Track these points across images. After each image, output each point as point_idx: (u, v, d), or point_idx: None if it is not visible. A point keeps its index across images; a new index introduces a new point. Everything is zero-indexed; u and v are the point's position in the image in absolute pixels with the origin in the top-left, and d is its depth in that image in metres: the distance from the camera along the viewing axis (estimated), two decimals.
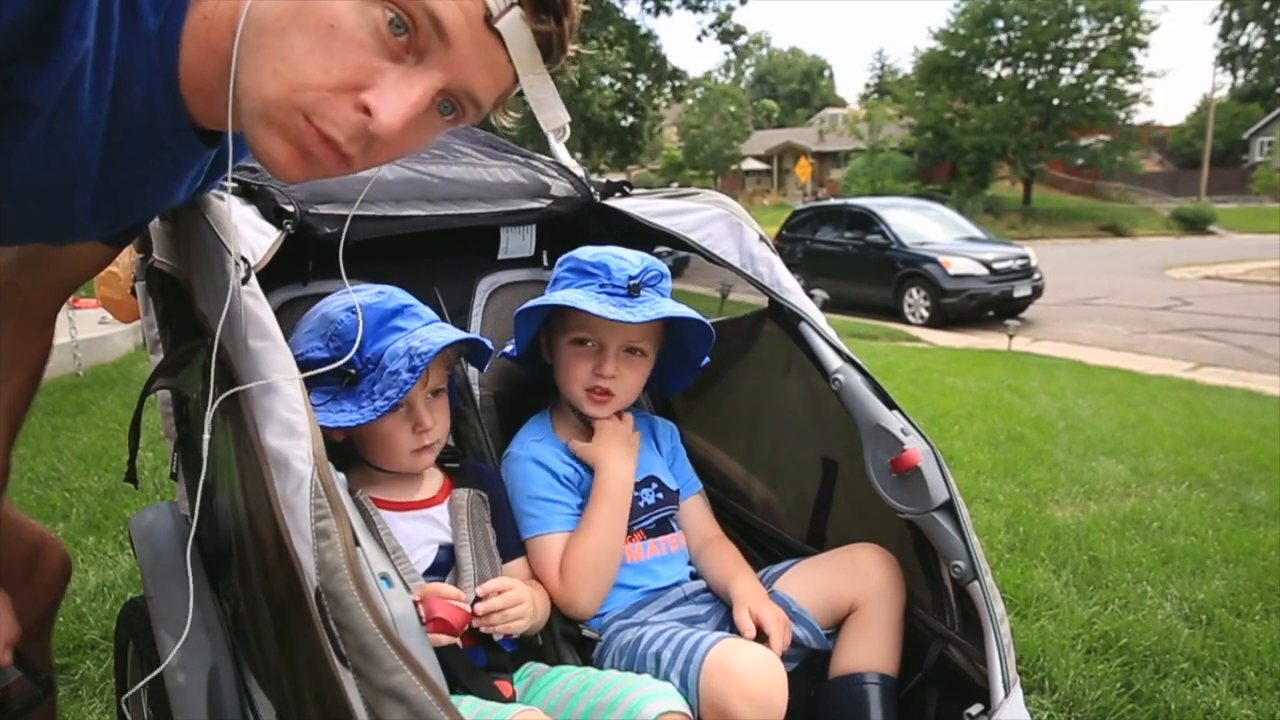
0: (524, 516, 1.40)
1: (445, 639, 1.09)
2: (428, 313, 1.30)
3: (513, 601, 1.20)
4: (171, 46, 0.75)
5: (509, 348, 1.52)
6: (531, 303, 1.41)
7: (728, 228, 1.52)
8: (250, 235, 1.12)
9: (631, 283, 1.38)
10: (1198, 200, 33.99)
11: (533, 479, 1.41)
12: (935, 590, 1.31)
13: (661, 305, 1.38)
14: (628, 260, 1.41)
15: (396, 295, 1.27)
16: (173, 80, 0.77)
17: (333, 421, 1.18)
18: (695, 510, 1.56)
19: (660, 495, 1.48)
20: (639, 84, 22.33)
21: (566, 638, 1.37)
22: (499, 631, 1.20)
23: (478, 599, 1.19)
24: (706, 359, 1.52)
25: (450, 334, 1.25)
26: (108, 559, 2.77)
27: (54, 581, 1.35)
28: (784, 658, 1.25)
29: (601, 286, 1.38)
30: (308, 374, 1.09)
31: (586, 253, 1.44)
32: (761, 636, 1.29)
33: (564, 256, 1.47)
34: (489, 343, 1.35)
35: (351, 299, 1.24)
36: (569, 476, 1.42)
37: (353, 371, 1.21)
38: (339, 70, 0.73)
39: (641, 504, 1.45)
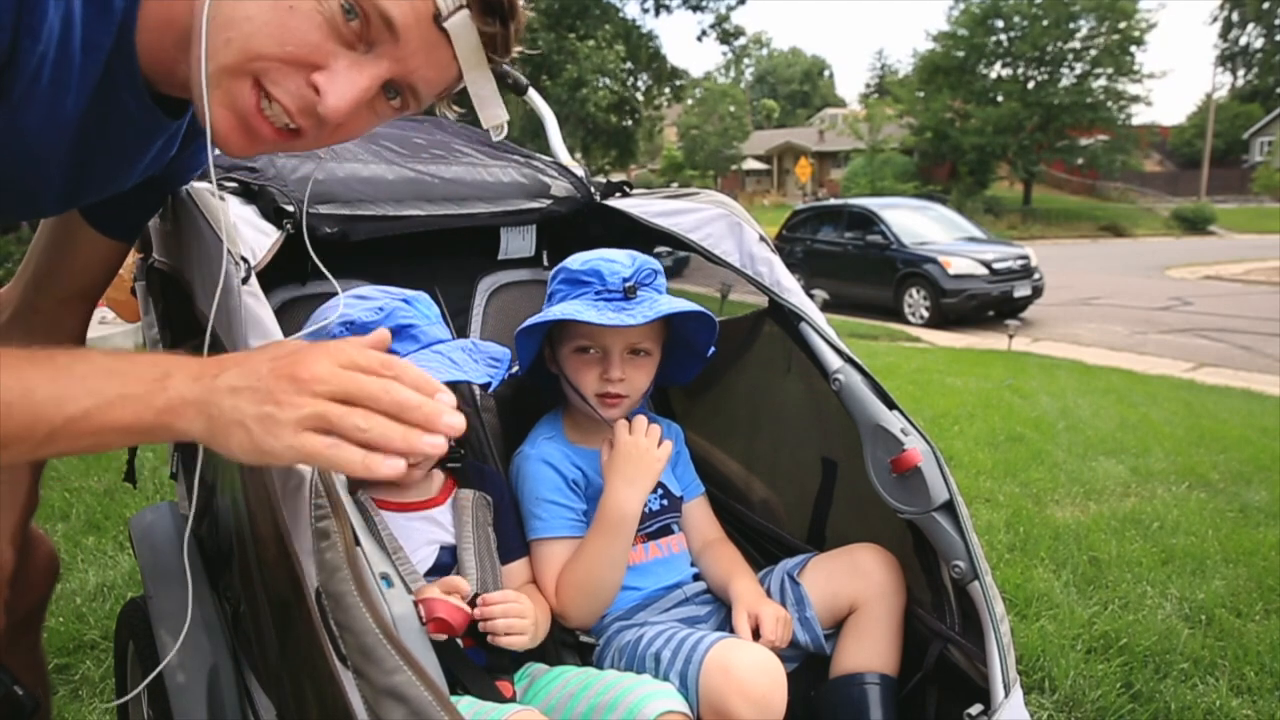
0: (530, 517, 1.40)
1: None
2: (428, 333, 1.24)
3: (514, 614, 1.18)
4: (129, 22, 0.79)
5: (514, 368, 1.50)
6: (530, 321, 1.39)
7: (728, 228, 1.52)
8: (250, 235, 1.12)
9: (626, 285, 1.37)
10: (1198, 200, 33.97)
11: (542, 480, 1.41)
12: (935, 590, 1.31)
13: (660, 303, 1.37)
14: (619, 262, 1.40)
15: (396, 314, 1.22)
16: (130, 53, 0.80)
17: None
18: (697, 512, 1.56)
19: (665, 501, 1.48)
20: (639, 84, 22.31)
21: (564, 644, 1.37)
22: (501, 643, 1.19)
23: (475, 604, 1.18)
24: (713, 349, 1.51)
25: (439, 374, 1.17)
26: (108, 559, 2.77)
27: (41, 578, 1.34)
28: (784, 658, 1.25)
29: (597, 294, 1.37)
30: None
31: (577, 261, 1.42)
32: (757, 637, 1.29)
33: (556, 268, 1.46)
34: (493, 381, 1.31)
35: (350, 313, 1.20)
36: (577, 480, 1.42)
37: None
38: (293, 46, 0.77)
39: (646, 510, 1.44)
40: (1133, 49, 28.68)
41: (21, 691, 1.07)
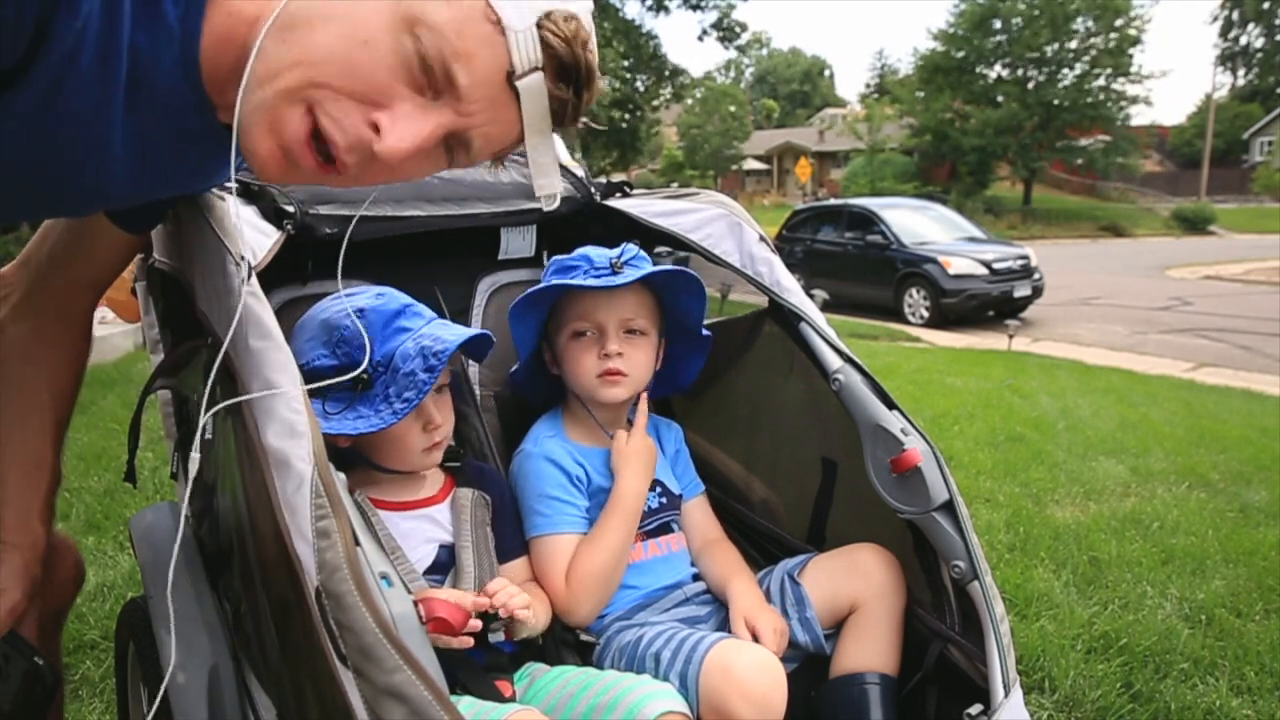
0: (532, 514, 1.40)
1: (447, 639, 1.09)
2: (427, 311, 1.30)
3: (513, 593, 1.20)
4: (192, 37, 0.77)
5: (515, 366, 1.53)
6: (520, 296, 1.43)
7: (728, 228, 1.53)
8: (250, 235, 1.12)
9: (613, 262, 1.41)
10: (1198, 200, 33.96)
11: (545, 477, 1.41)
12: (935, 590, 1.31)
13: (644, 269, 1.41)
14: (606, 249, 1.45)
15: (395, 296, 1.27)
16: (194, 71, 0.78)
17: (353, 429, 1.17)
18: (697, 512, 1.56)
19: (664, 499, 1.48)
20: (638, 84, 22.28)
21: (565, 643, 1.37)
22: (513, 619, 1.19)
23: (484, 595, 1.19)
24: (707, 333, 1.53)
25: (458, 331, 1.25)
26: (108, 559, 2.77)
27: (66, 584, 1.34)
28: (784, 658, 1.25)
29: (585, 273, 1.41)
30: (316, 385, 1.09)
31: (570, 253, 1.47)
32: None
33: (550, 260, 1.50)
34: (491, 335, 1.35)
35: (352, 302, 1.24)
36: (580, 477, 1.42)
37: (365, 376, 1.20)
38: (361, 83, 0.75)
39: (645, 508, 1.45)
40: (1130, 49, 28.69)
41: (42, 662, 1.09)
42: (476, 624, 1.15)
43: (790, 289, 1.47)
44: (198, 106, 0.81)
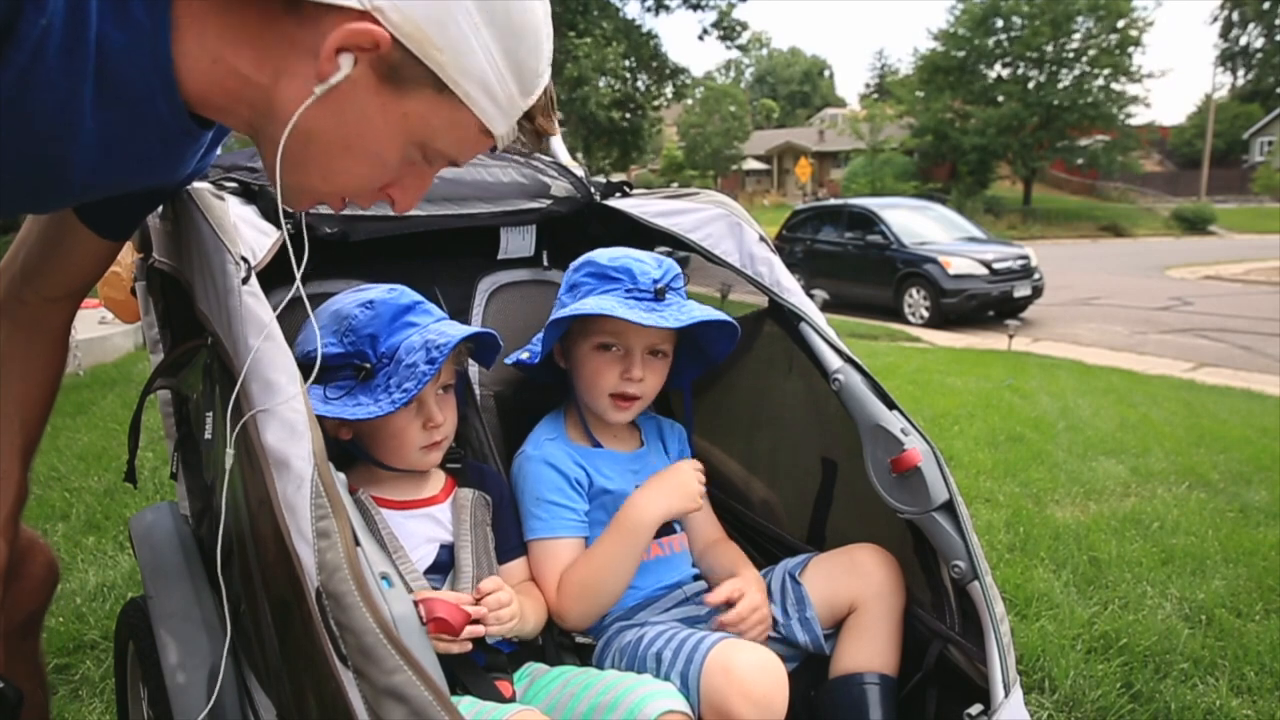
0: (530, 517, 1.40)
1: (447, 639, 1.09)
2: (437, 310, 1.30)
3: (503, 603, 1.19)
4: (162, 33, 0.80)
5: (524, 354, 1.49)
6: (565, 311, 1.38)
7: (728, 228, 1.52)
8: (250, 235, 1.12)
9: (657, 286, 1.38)
10: (1198, 200, 33.97)
11: (543, 480, 1.40)
12: (935, 590, 1.31)
13: (691, 309, 1.38)
14: (648, 263, 1.41)
15: (407, 292, 1.28)
16: (166, 67, 0.82)
17: (351, 414, 1.18)
18: (700, 512, 1.55)
19: None
20: (639, 83, 22.28)
21: (563, 646, 1.37)
22: (494, 633, 1.19)
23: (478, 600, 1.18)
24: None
25: (464, 328, 1.26)
26: (108, 559, 2.77)
27: (39, 586, 1.33)
28: (784, 658, 1.25)
29: (628, 291, 1.38)
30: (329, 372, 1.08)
31: (605, 255, 1.43)
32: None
33: (581, 260, 1.46)
34: (499, 337, 1.35)
35: (364, 295, 1.25)
36: (579, 480, 1.42)
37: (368, 365, 1.21)
38: (377, 182, 0.93)
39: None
40: (1131, 49, 28.69)
41: (2, 684, 1.07)
42: (479, 630, 1.15)
43: (790, 289, 1.46)
44: (169, 99, 0.84)
